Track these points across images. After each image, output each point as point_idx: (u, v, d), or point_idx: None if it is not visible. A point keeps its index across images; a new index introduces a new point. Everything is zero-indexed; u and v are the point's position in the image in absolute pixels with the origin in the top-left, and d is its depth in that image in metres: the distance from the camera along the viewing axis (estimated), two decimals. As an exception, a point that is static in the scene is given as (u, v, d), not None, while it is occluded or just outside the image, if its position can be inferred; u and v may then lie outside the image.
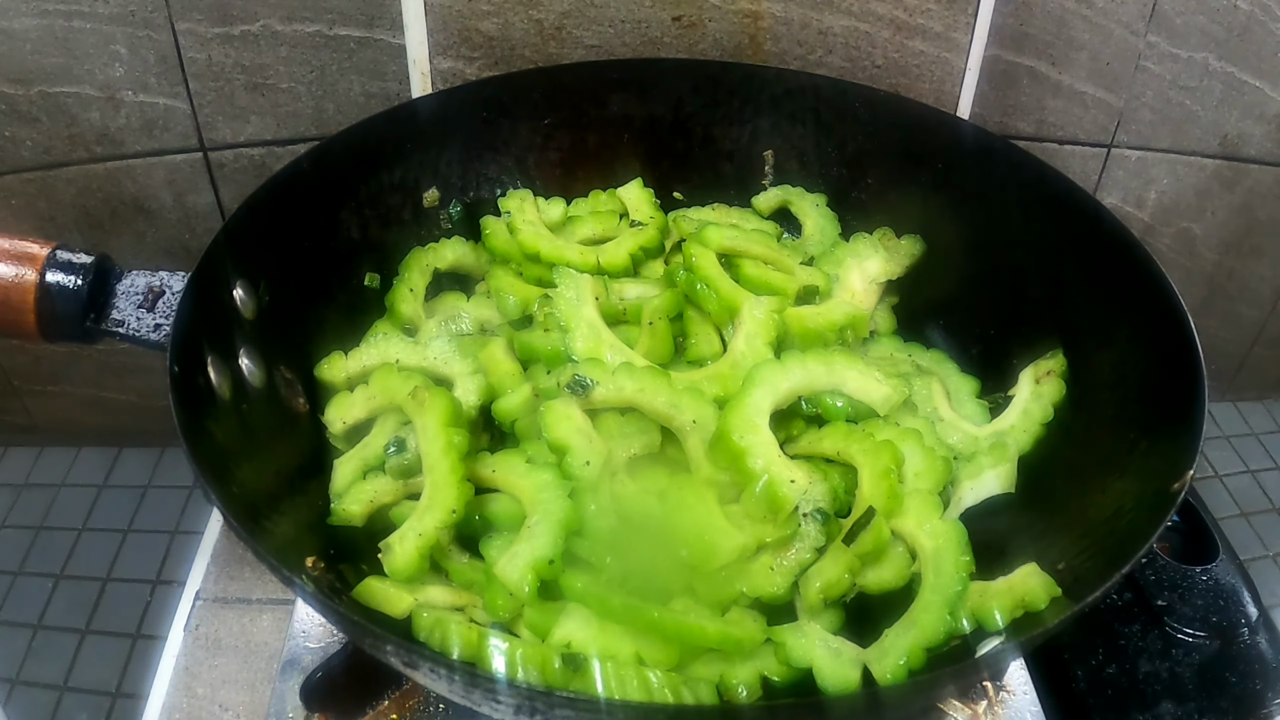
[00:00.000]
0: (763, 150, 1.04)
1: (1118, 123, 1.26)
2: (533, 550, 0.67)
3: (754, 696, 0.65)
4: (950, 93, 1.11)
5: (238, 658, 0.84)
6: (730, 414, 0.74)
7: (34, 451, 1.58)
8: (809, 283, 0.91)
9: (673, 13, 1.05)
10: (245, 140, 1.15)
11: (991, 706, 0.76)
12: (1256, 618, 0.88)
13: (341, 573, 0.70)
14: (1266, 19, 1.18)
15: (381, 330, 0.88)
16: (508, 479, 0.74)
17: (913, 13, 1.05)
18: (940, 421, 0.84)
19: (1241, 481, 1.60)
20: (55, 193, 1.19)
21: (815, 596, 0.69)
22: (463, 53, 1.05)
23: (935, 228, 0.96)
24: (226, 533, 0.94)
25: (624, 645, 0.64)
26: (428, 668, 0.56)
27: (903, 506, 0.73)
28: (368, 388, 0.81)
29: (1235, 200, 1.38)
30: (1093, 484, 0.73)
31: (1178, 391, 0.70)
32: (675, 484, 0.74)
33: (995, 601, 0.67)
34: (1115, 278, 0.81)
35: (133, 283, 0.76)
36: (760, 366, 0.78)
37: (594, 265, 0.91)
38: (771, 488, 0.71)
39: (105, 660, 1.31)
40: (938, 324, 0.96)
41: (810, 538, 0.71)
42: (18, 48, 1.05)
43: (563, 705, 0.55)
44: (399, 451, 0.76)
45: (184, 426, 0.62)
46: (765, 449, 0.73)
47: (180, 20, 1.05)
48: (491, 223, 0.97)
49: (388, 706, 0.75)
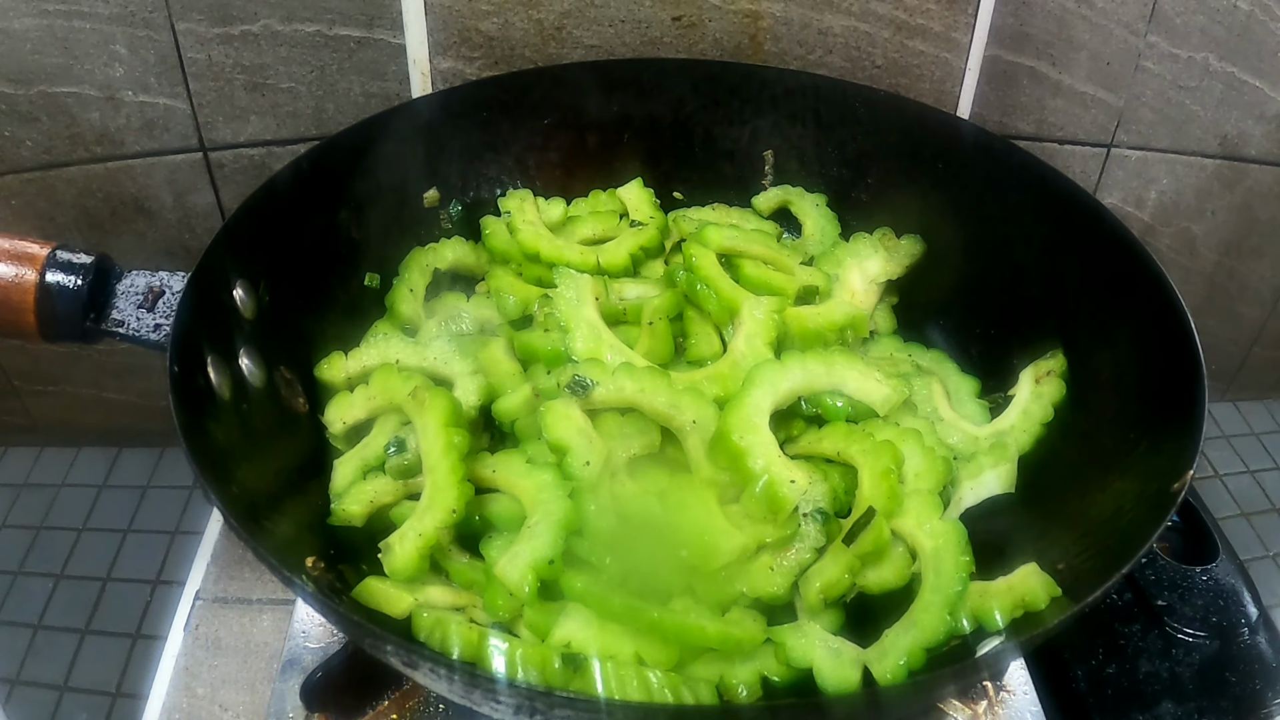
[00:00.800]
0: (763, 150, 1.04)
1: (1118, 123, 1.26)
2: (533, 551, 0.67)
3: (754, 696, 0.65)
4: (950, 93, 1.11)
5: (238, 658, 0.84)
6: (730, 414, 0.74)
7: (34, 451, 1.58)
8: (809, 283, 0.91)
9: (673, 13, 1.05)
10: (245, 140, 1.15)
11: (991, 706, 0.76)
12: (1256, 618, 0.88)
13: (341, 573, 0.70)
14: (1266, 19, 1.18)
15: (381, 330, 0.88)
16: (508, 479, 0.74)
17: (913, 13, 1.05)
18: (940, 421, 0.84)
19: (1241, 481, 1.60)
20: (55, 193, 1.19)
21: (815, 597, 0.69)
22: (463, 53, 1.05)
23: (935, 228, 0.96)
24: (226, 533, 0.94)
25: (624, 645, 0.64)
26: (428, 668, 0.56)
27: (903, 506, 0.73)
28: (368, 388, 0.81)
29: (1235, 200, 1.38)
30: (1093, 484, 0.73)
31: (1178, 391, 0.70)
32: (675, 484, 0.74)
33: (995, 601, 0.67)
34: (1115, 278, 0.81)
35: (133, 283, 0.76)
36: (760, 367, 0.78)
37: (594, 265, 0.91)
38: (771, 488, 0.71)
39: (105, 660, 1.31)
40: (938, 324, 0.96)
41: (810, 538, 0.71)
42: (18, 48, 1.05)
43: (563, 705, 0.55)
44: (399, 452, 0.76)
45: (184, 426, 0.62)
46: (765, 449, 0.73)
47: (180, 20, 1.05)
48: (491, 223, 0.97)
49: (388, 706, 0.75)
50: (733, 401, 0.75)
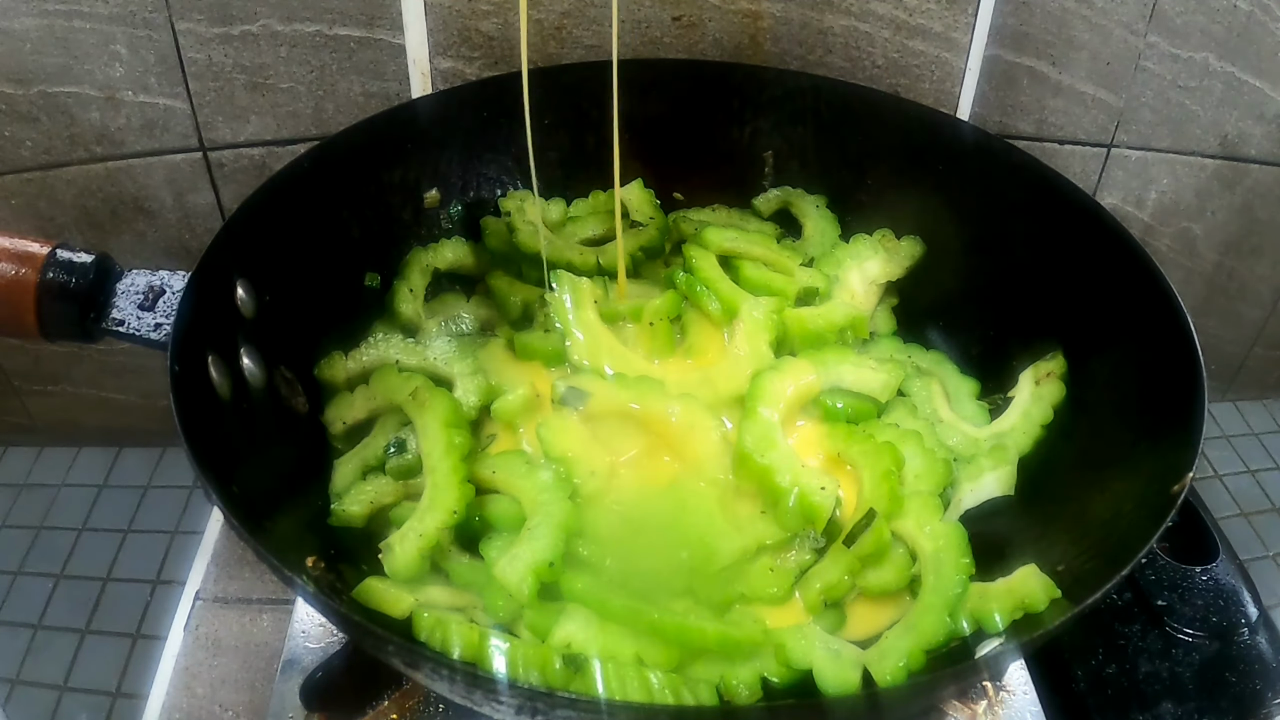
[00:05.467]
0: (763, 151, 1.04)
1: (1118, 123, 1.26)
2: (533, 552, 0.67)
3: (754, 697, 0.65)
4: (950, 93, 1.11)
5: (238, 658, 0.84)
6: (745, 435, 0.74)
7: (34, 451, 1.58)
8: (809, 284, 0.91)
9: (673, 13, 1.05)
10: (245, 140, 1.15)
11: (991, 707, 0.76)
12: (1256, 618, 0.88)
13: (341, 573, 0.70)
14: (1266, 19, 1.18)
15: (381, 330, 0.88)
16: (508, 480, 0.74)
17: (913, 13, 1.05)
18: (940, 423, 0.84)
19: (1241, 481, 1.60)
20: (55, 193, 1.19)
21: (815, 598, 0.69)
22: (463, 53, 1.05)
23: (935, 229, 0.96)
24: (226, 533, 0.94)
25: (624, 646, 0.64)
26: (429, 668, 0.57)
27: (903, 508, 0.73)
28: (368, 388, 0.81)
29: (1235, 200, 1.38)
30: (1092, 485, 0.73)
31: (1177, 392, 0.70)
32: (675, 486, 0.74)
33: (995, 603, 0.67)
34: (1115, 279, 0.81)
35: (133, 282, 0.76)
36: (759, 380, 0.78)
37: (594, 266, 0.92)
38: (805, 499, 0.71)
39: (105, 660, 1.30)
40: (938, 325, 0.96)
41: (810, 539, 0.71)
42: (18, 48, 1.05)
43: (564, 706, 0.54)
44: (399, 452, 0.76)
45: (184, 426, 0.62)
46: (788, 463, 0.73)
47: (180, 20, 1.05)
48: (491, 223, 0.97)
49: (388, 706, 0.75)
50: (743, 422, 0.75)
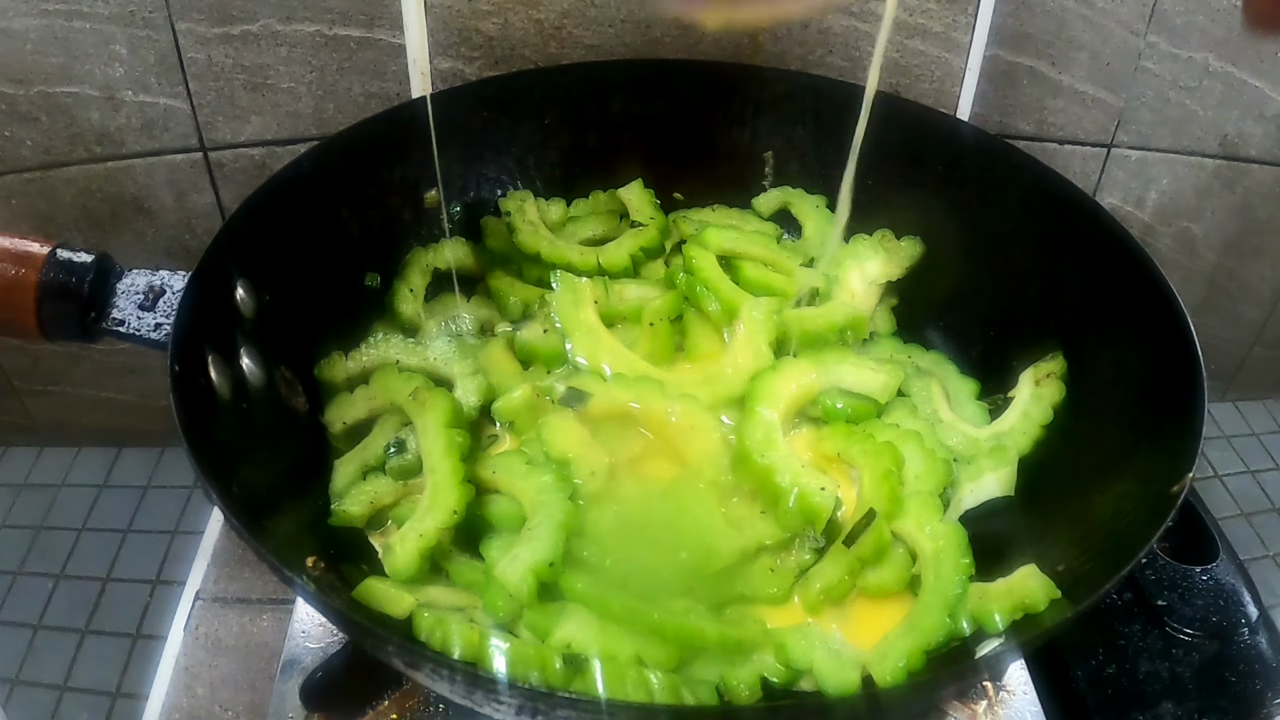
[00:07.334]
0: (763, 151, 1.04)
1: (1118, 123, 1.26)
2: (533, 553, 0.67)
3: (754, 697, 0.65)
4: (950, 93, 1.11)
5: (238, 658, 0.84)
6: (745, 435, 0.74)
7: (34, 451, 1.58)
8: (809, 284, 0.91)
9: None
10: (245, 140, 1.15)
11: (991, 707, 0.76)
12: (1256, 618, 0.88)
13: (342, 572, 0.70)
14: (1267, 19, 1.18)
15: (381, 330, 0.88)
16: (508, 480, 0.74)
17: (913, 13, 1.05)
18: (940, 423, 0.84)
19: (1241, 481, 1.60)
20: (55, 193, 1.18)
21: (815, 598, 0.69)
22: (463, 53, 1.05)
23: (935, 229, 0.96)
24: (226, 533, 0.94)
25: (624, 646, 0.64)
26: (430, 668, 0.57)
27: (903, 508, 0.73)
28: (368, 388, 0.81)
29: (1235, 200, 1.38)
30: (1092, 486, 0.73)
31: (1177, 392, 0.70)
32: (675, 486, 0.74)
33: (995, 603, 0.67)
34: (1115, 279, 0.81)
35: (133, 282, 0.76)
36: (759, 380, 0.78)
37: (594, 266, 0.92)
38: (805, 499, 0.71)
39: (105, 660, 1.30)
40: (938, 325, 0.96)
41: (810, 540, 0.71)
42: (18, 48, 1.05)
43: (565, 706, 0.55)
44: (399, 452, 0.76)
45: (184, 426, 0.62)
46: (788, 463, 0.73)
47: (180, 20, 1.05)
48: (491, 223, 0.97)
49: (388, 706, 0.75)
50: (742, 421, 0.75)
